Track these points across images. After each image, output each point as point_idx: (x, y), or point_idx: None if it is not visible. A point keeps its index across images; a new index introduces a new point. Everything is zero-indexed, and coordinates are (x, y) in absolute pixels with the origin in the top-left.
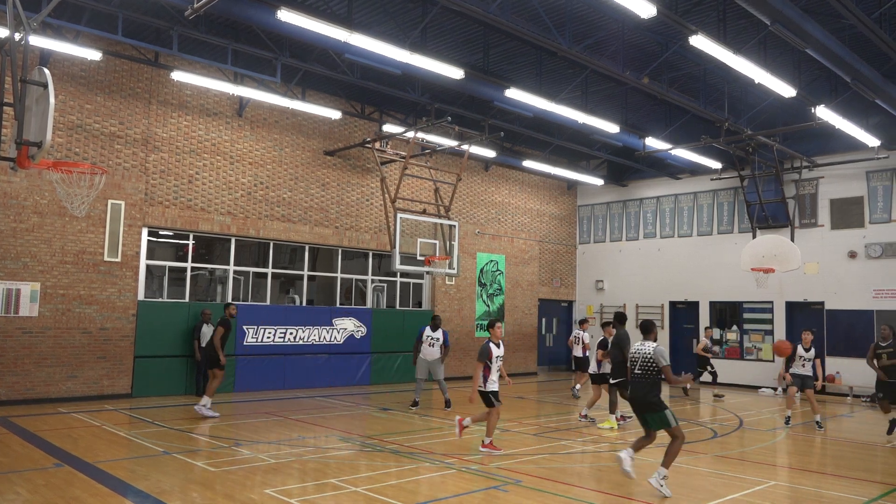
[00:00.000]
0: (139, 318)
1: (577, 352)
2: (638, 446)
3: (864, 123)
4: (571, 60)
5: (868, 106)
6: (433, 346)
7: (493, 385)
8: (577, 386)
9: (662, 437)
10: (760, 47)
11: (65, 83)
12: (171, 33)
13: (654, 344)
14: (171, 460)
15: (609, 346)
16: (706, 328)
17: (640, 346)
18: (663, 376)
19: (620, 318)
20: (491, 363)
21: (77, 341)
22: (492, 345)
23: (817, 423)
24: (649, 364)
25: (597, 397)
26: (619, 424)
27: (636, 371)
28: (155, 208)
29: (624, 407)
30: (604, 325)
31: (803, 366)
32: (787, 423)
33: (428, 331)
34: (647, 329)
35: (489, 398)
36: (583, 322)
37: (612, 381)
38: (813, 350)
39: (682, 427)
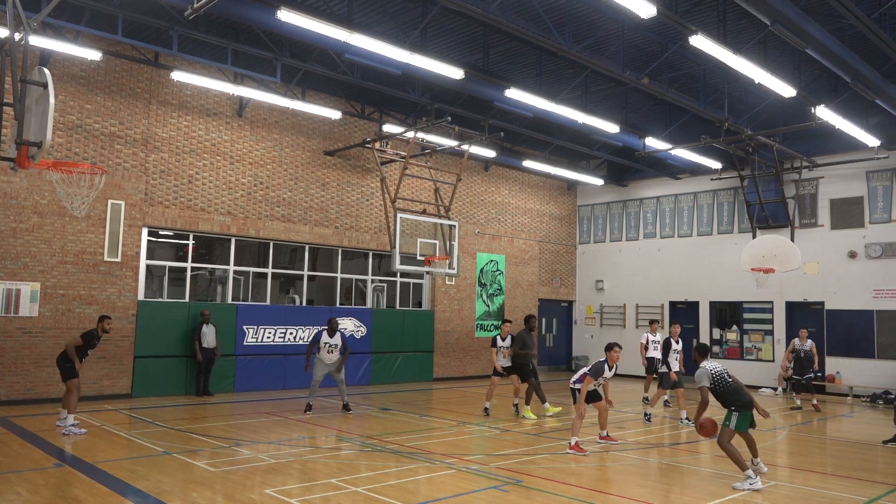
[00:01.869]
0: (139, 319)
1: (652, 353)
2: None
3: (864, 123)
4: (571, 60)
5: (868, 106)
6: (332, 352)
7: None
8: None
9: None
10: (760, 47)
11: (65, 83)
12: (171, 33)
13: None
14: (171, 460)
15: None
16: (651, 321)
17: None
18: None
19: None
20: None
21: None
22: (606, 366)
23: (685, 418)
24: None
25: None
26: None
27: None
28: (155, 208)
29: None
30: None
31: (677, 359)
32: (684, 420)
33: (325, 336)
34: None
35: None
36: (652, 322)
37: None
38: (680, 342)
39: (683, 427)
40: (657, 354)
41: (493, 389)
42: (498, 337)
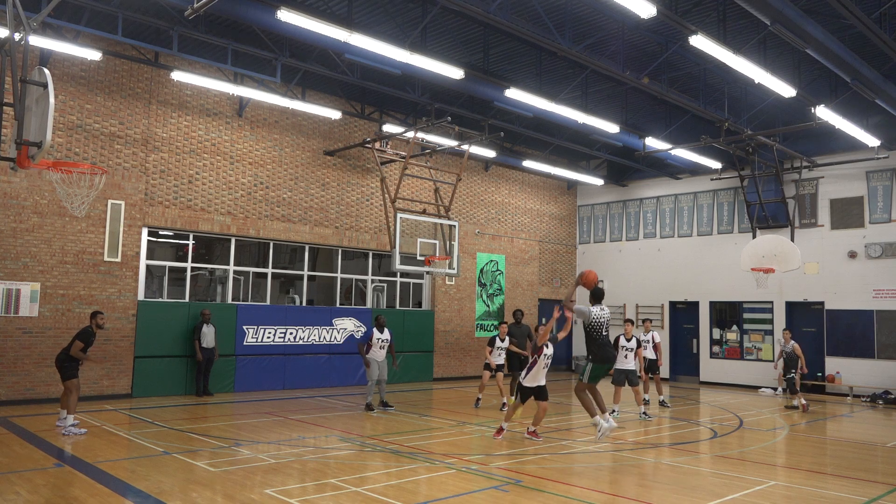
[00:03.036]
0: (139, 319)
1: (649, 353)
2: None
3: (864, 123)
4: (571, 60)
5: (868, 106)
6: (382, 348)
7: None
8: (661, 397)
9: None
10: (760, 47)
11: (65, 83)
12: (171, 33)
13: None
14: (171, 460)
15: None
16: (644, 321)
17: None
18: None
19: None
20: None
21: None
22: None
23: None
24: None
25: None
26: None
27: (604, 333)
28: (155, 208)
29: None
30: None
31: (626, 357)
32: (613, 413)
33: (377, 333)
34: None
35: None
36: (645, 322)
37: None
38: (634, 339)
39: (682, 427)
40: (652, 354)
41: (485, 383)
42: (497, 338)
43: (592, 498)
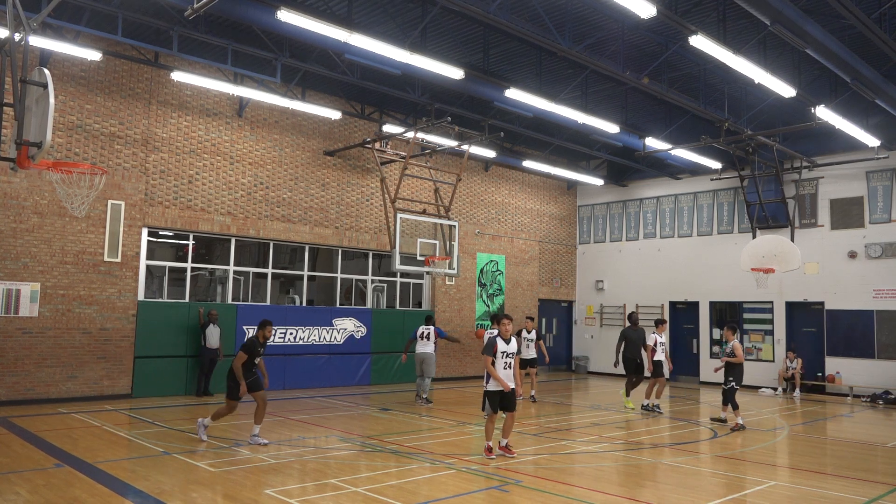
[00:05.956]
0: (139, 319)
1: (660, 356)
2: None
3: (864, 123)
4: (571, 60)
5: (868, 106)
6: (426, 340)
7: (494, 385)
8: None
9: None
10: (760, 47)
11: (65, 83)
12: (171, 33)
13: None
14: (171, 460)
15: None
16: (657, 322)
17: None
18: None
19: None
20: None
21: (77, 341)
22: (499, 340)
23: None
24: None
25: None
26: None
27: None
28: (155, 208)
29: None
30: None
31: (528, 346)
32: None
33: (422, 328)
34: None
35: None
36: (660, 324)
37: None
38: (535, 332)
39: (682, 427)
40: (663, 357)
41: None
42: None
43: (592, 498)
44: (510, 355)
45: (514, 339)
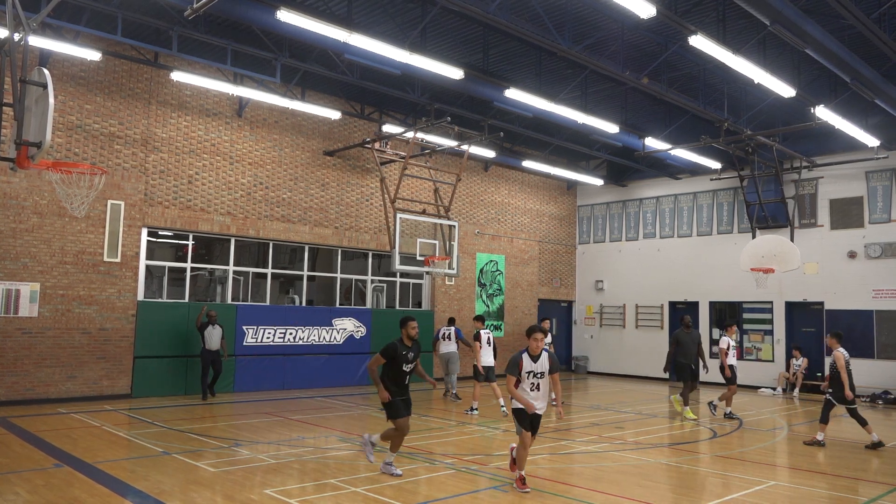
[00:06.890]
0: (139, 319)
1: (731, 359)
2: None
3: (863, 123)
4: (571, 60)
5: (868, 106)
6: (447, 340)
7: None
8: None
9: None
10: (760, 47)
11: (64, 83)
12: (171, 33)
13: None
14: (170, 461)
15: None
16: (727, 325)
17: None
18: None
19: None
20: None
21: (77, 342)
22: (525, 356)
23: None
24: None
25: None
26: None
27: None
28: (155, 208)
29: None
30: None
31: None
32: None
33: (444, 329)
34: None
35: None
36: (729, 326)
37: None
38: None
39: (682, 427)
40: (735, 361)
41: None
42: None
43: (592, 498)
44: (538, 375)
45: (545, 355)
